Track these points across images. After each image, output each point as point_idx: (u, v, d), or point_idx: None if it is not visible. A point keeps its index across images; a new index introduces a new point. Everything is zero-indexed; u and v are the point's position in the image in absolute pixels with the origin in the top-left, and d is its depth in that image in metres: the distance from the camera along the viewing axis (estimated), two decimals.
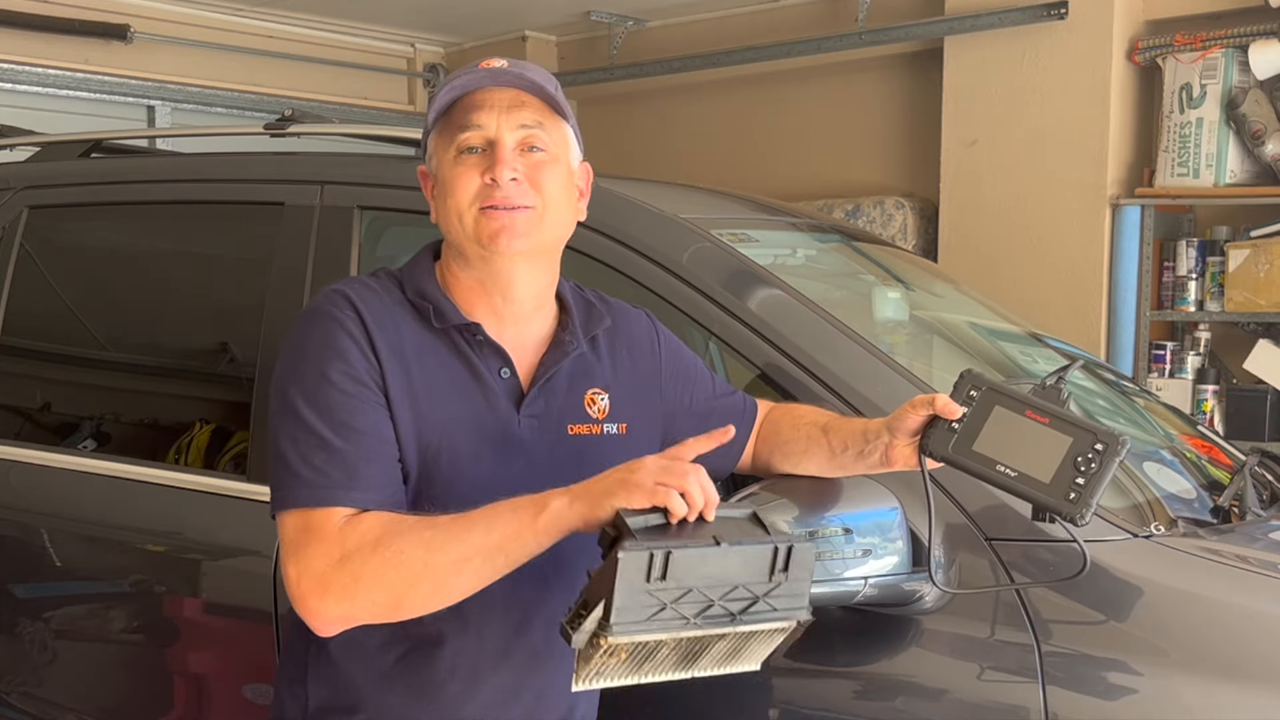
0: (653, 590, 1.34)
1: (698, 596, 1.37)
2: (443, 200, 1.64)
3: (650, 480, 1.41)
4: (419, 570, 1.45)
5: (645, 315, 1.87)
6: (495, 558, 1.46)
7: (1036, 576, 1.80)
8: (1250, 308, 4.43)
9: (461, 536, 1.45)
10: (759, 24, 6.06)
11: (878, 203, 5.41)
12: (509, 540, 1.45)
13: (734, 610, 1.39)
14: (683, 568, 1.35)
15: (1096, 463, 1.60)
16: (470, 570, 1.46)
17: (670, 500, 1.40)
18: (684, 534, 1.40)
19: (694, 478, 1.42)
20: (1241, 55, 4.47)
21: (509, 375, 1.65)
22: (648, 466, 1.43)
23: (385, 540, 1.47)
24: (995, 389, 1.66)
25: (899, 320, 2.70)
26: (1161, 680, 1.70)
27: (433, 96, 1.69)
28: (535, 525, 1.44)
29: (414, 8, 6.24)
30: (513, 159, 1.61)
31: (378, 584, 1.46)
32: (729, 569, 1.38)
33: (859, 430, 1.76)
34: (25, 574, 2.72)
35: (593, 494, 1.43)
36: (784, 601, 1.42)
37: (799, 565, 1.41)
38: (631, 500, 1.41)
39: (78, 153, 3.09)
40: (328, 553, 1.48)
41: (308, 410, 1.54)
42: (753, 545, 1.39)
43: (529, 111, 1.64)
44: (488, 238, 1.61)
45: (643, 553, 1.33)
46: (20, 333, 2.99)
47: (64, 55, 5.81)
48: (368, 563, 1.46)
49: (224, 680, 2.45)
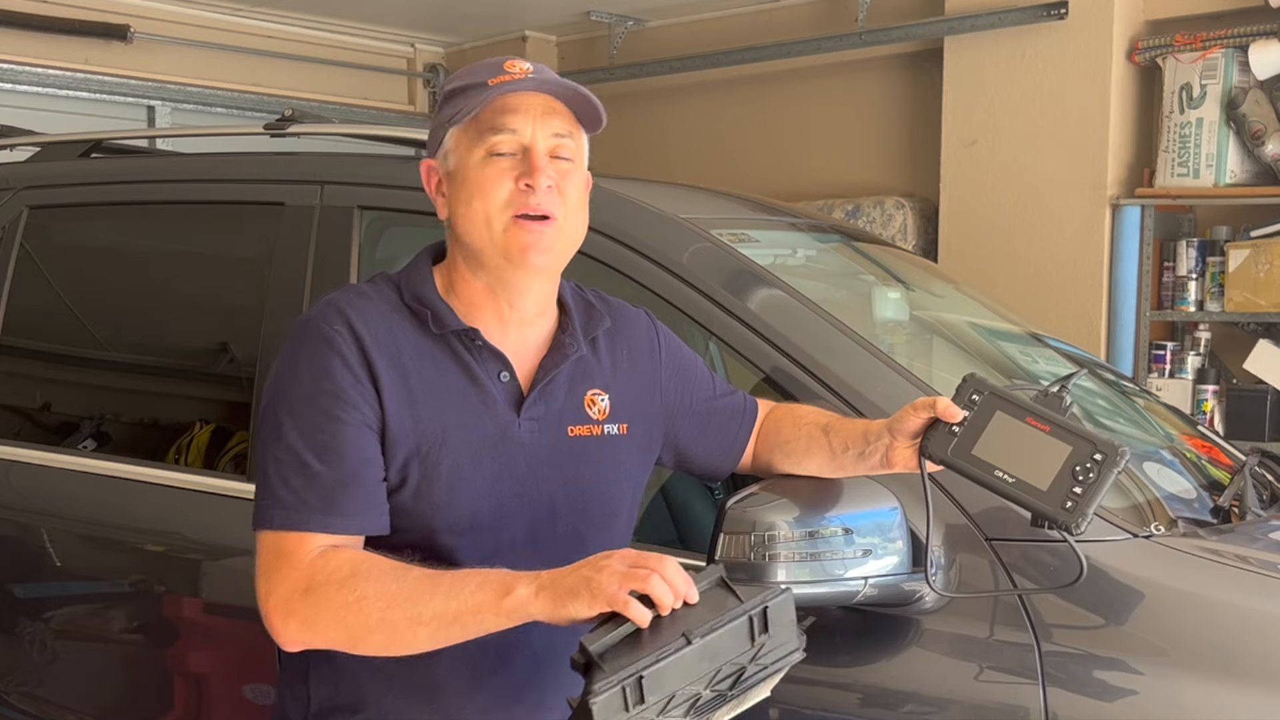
0: (636, 715, 1.31)
1: (683, 696, 1.34)
2: (466, 201, 1.61)
3: (614, 584, 1.36)
4: (375, 621, 1.46)
5: (645, 315, 1.86)
6: (451, 627, 1.44)
7: (1036, 578, 1.80)
8: (1250, 308, 4.43)
9: (422, 599, 1.44)
10: (759, 24, 6.06)
11: (878, 203, 5.41)
12: (467, 614, 1.43)
13: (724, 690, 1.37)
14: (659, 682, 1.32)
15: (1095, 472, 1.60)
16: (425, 633, 1.45)
17: (632, 611, 1.35)
18: (654, 640, 1.35)
19: (656, 579, 1.36)
20: (1241, 55, 4.47)
21: (509, 379, 1.65)
22: (611, 568, 1.38)
23: (350, 583, 1.47)
24: (997, 394, 1.66)
25: (899, 320, 2.70)
26: (1162, 680, 1.69)
27: (453, 89, 1.64)
28: (498, 607, 1.41)
29: (414, 8, 6.24)
30: (548, 166, 1.60)
31: (336, 623, 1.48)
32: (707, 658, 1.35)
33: (860, 431, 1.76)
34: (25, 574, 2.72)
35: (558, 591, 1.39)
36: (772, 656, 1.40)
37: (778, 621, 1.39)
38: (595, 606, 1.36)
39: (78, 153, 3.09)
40: (295, 581, 1.50)
41: (291, 431, 1.55)
42: (725, 626, 1.36)
43: (560, 120, 1.64)
44: (517, 251, 1.59)
45: (614, 691, 1.30)
46: (20, 333, 2.99)
47: (64, 55, 5.81)
48: (329, 601, 1.47)
49: (224, 680, 2.45)
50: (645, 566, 1.37)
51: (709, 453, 1.88)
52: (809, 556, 1.72)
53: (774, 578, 1.70)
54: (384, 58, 6.99)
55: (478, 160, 1.61)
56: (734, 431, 1.88)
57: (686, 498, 2.57)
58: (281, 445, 1.55)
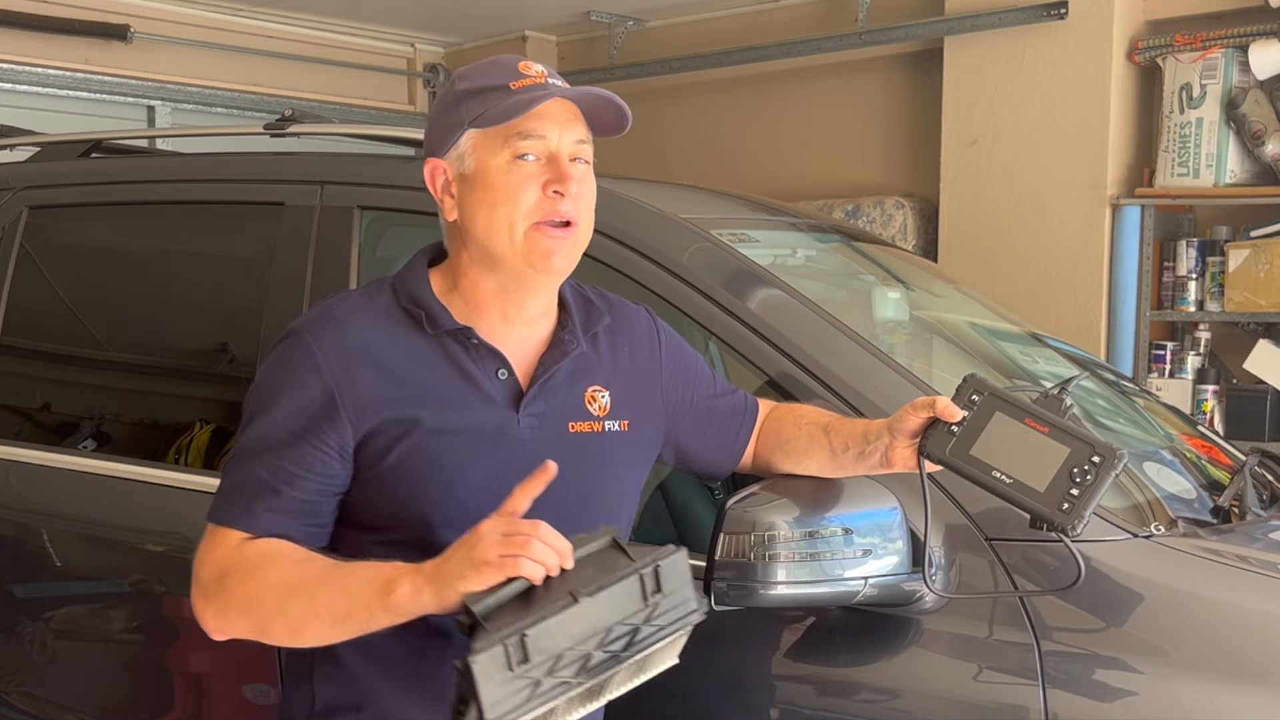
0: (521, 675, 1.30)
1: (572, 656, 1.33)
2: (490, 206, 1.60)
3: (494, 554, 1.36)
4: (273, 613, 1.50)
5: (645, 312, 1.87)
6: (345, 623, 1.46)
7: (1036, 579, 1.80)
8: (1250, 308, 4.43)
9: (316, 592, 1.47)
10: (759, 24, 6.06)
11: (878, 203, 5.41)
12: (359, 610, 1.44)
13: (617, 650, 1.36)
14: (544, 641, 1.31)
15: (1092, 475, 1.60)
16: (321, 627, 1.47)
17: (523, 570, 1.35)
18: (541, 599, 1.34)
19: (535, 541, 1.36)
20: (1241, 55, 4.47)
21: (506, 376, 1.65)
22: (486, 539, 1.38)
23: (256, 574, 1.51)
24: (997, 395, 1.66)
25: (899, 320, 2.70)
26: (1161, 680, 1.69)
27: (470, 90, 1.63)
28: (384, 604, 1.42)
29: (414, 8, 6.24)
30: (574, 173, 1.61)
31: (244, 613, 1.52)
32: (597, 617, 1.34)
33: (860, 431, 1.76)
34: (25, 574, 2.72)
35: (440, 578, 1.39)
36: (668, 617, 1.39)
37: (671, 579, 1.38)
38: (482, 579, 1.36)
39: (78, 153, 3.09)
40: (215, 568, 1.55)
41: (252, 434, 1.60)
42: (614, 585, 1.35)
43: (582, 126, 1.65)
44: (539, 257, 1.60)
45: (496, 649, 1.29)
46: (20, 333, 2.99)
47: (64, 55, 5.81)
48: (234, 591, 1.52)
49: (224, 680, 2.45)
50: (520, 532, 1.37)
51: (710, 451, 1.89)
52: (809, 556, 1.72)
53: (774, 578, 1.70)
54: (384, 58, 6.99)
55: (502, 164, 1.60)
56: (735, 430, 1.88)
57: (686, 498, 2.57)
58: (239, 444, 1.62)
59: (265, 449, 1.58)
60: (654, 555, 1.38)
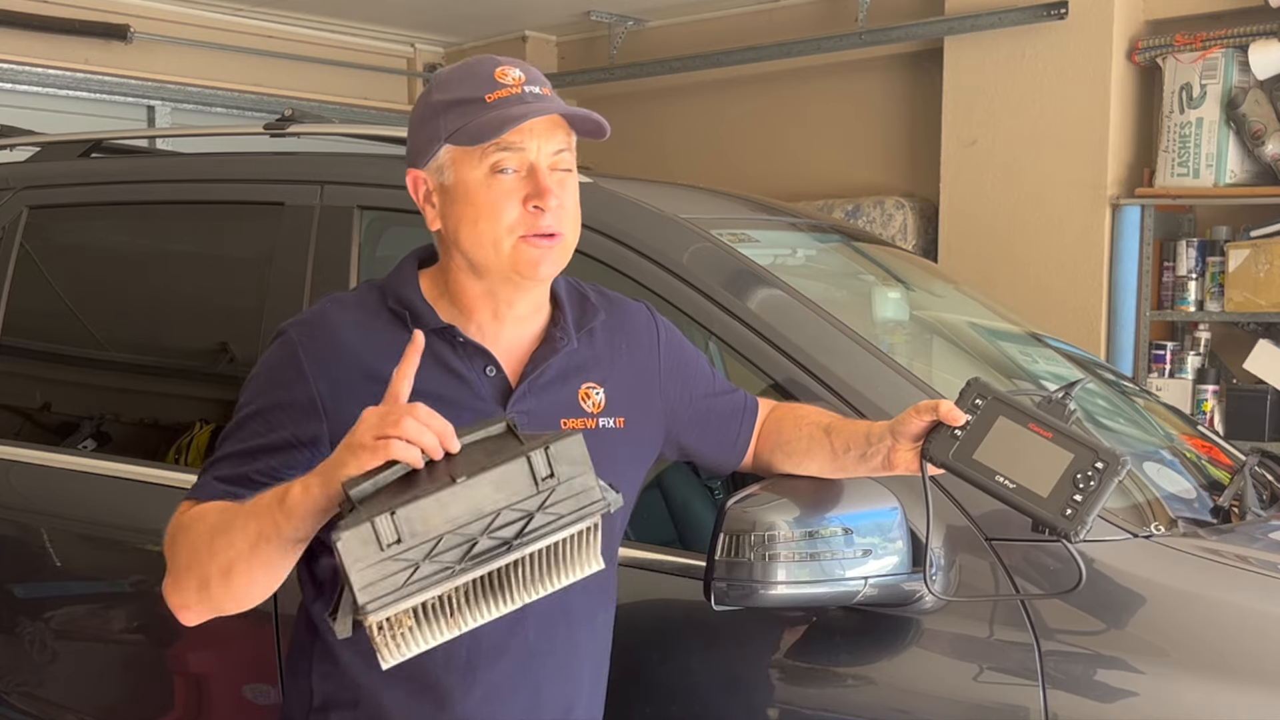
0: (394, 556, 1.25)
1: (454, 540, 1.28)
2: (472, 222, 1.60)
3: (370, 436, 1.33)
4: (206, 560, 1.48)
5: (645, 309, 1.86)
6: (258, 545, 1.43)
7: (1037, 580, 1.80)
8: (1250, 308, 4.43)
9: (233, 525, 1.45)
10: (759, 24, 6.06)
11: (878, 203, 5.41)
12: (265, 526, 1.42)
13: (508, 537, 1.30)
14: (419, 521, 1.26)
15: (1095, 481, 1.60)
16: (242, 559, 1.45)
17: (397, 451, 1.32)
18: (424, 481, 1.30)
19: (409, 420, 1.33)
20: (1241, 55, 4.47)
21: (495, 373, 1.65)
22: (366, 421, 1.35)
23: (191, 528, 1.51)
24: (1000, 399, 1.66)
25: (899, 320, 2.70)
26: (1162, 681, 1.69)
27: (445, 101, 1.62)
28: (283, 508, 1.40)
29: (414, 8, 6.24)
30: (555, 186, 1.60)
31: (188, 570, 1.51)
32: (480, 500, 1.29)
33: (862, 432, 1.76)
34: (25, 574, 2.72)
35: (324, 471, 1.38)
36: (569, 505, 1.32)
37: (566, 462, 1.32)
38: (361, 464, 1.33)
39: (78, 153, 3.09)
40: (169, 541, 1.55)
41: (234, 427, 1.63)
42: (499, 466, 1.30)
43: (562, 134, 1.63)
44: (526, 266, 1.60)
45: (361, 526, 1.25)
46: (20, 333, 2.99)
47: (64, 55, 5.81)
48: (179, 552, 1.52)
49: (224, 680, 2.45)
50: (395, 412, 1.35)
51: (711, 449, 1.88)
52: (809, 556, 1.72)
53: (774, 577, 1.70)
54: (384, 58, 6.99)
55: (480, 178, 1.60)
56: (735, 429, 1.88)
57: (686, 498, 2.57)
58: (221, 437, 1.65)
59: (236, 438, 1.61)
60: (545, 439, 1.33)
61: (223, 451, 1.63)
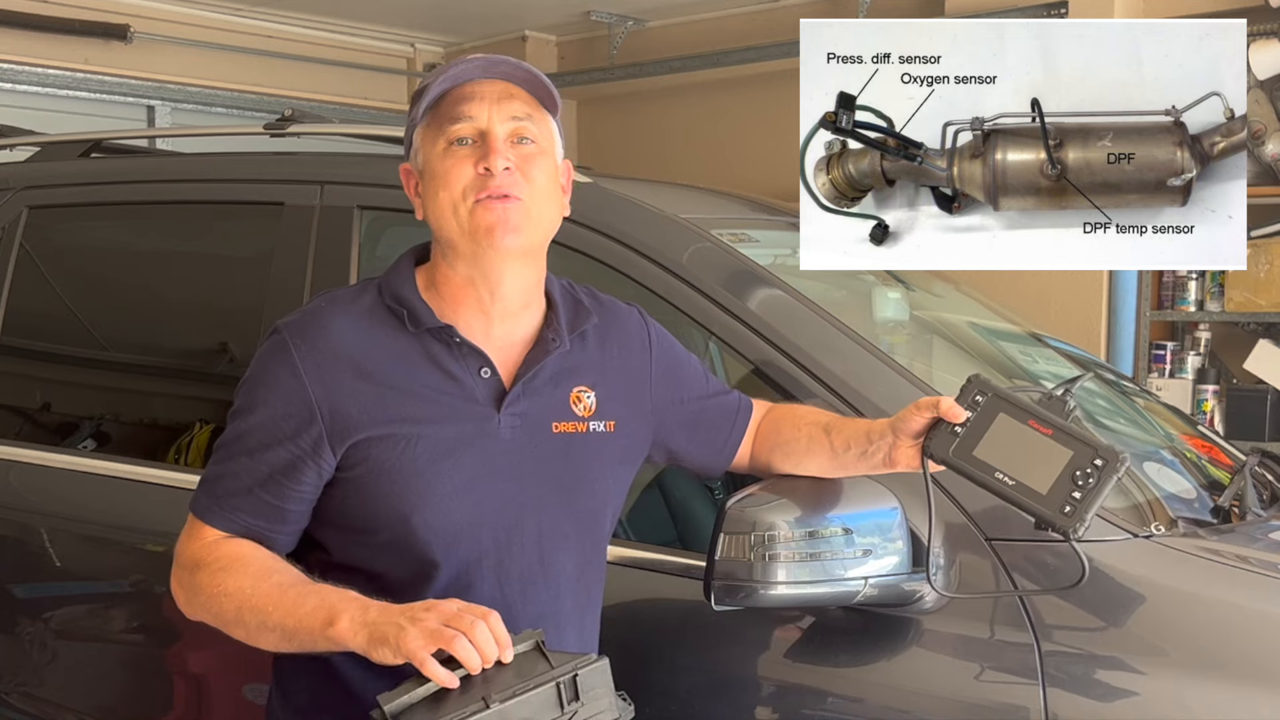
0: None
1: None
2: (433, 194, 1.64)
3: (419, 643, 1.37)
4: (232, 618, 1.56)
5: (637, 312, 1.86)
6: (293, 640, 1.51)
7: (1037, 579, 1.80)
8: (1250, 308, 4.43)
9: (268, 608, 1.52)
10: (759, 24, 6.06)
11: None
12: (303, 634, 1.49)
13: None
14: None
15: (1095, 478, 1.60)
16: (273, 640, 1.53)
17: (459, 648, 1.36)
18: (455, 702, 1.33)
19: (483, 626, 1.37)
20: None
21: (489, 375, 1.65)
22: (425, 624, 1.38)
23: (221, 575, 1.58)
24: (1001, 396, 1.66)
25: (899, 320, 2.70)
26: (1162, 681, 1.69)
27: (416, 93, 1.68)
28: (325, 634, 1.46)
29: (414, 8, 6.25)
30: (505, 149, 1.62)
31: (207, 610, 1.60)
32: None
33: (862, 431, 1.76)
34: (25, 574, 2.71)
35: (373, 634, 1.42)
36: None
37: (591, 687, 1.38)
38: (414, 639, 1.37)
39: (78, 153, 3.08)
40: (191, 559, 1.62)
41: (231, 430, 1.65)
42: (530, 691, 1.34)
43: (519, 103, 1.65)
44: (483, 231, 1.60)
45: None
46: (20, 333, 2.99)
47: (64, 55, 5.81)
48: (203, 588, 1.59)
49: (224, 680, 2.45)
50: (456, 627, 1.37)
51: (700, 452, 1.88)
52: (809, 556, 1.72)
53: (774, 577, 1.70)
54: (384, 58, 7.00)
55: (440, 152, 1.64)
56: (726, 431, 1.88)
57: (686, 497, 2.57)
58: (222, 437, 1.66)
59: (243, 449, 1.62)
60: (574, 663, 1.38)
61: (226, 468, 1.63)
